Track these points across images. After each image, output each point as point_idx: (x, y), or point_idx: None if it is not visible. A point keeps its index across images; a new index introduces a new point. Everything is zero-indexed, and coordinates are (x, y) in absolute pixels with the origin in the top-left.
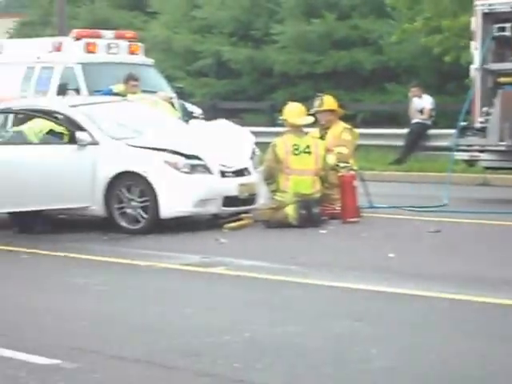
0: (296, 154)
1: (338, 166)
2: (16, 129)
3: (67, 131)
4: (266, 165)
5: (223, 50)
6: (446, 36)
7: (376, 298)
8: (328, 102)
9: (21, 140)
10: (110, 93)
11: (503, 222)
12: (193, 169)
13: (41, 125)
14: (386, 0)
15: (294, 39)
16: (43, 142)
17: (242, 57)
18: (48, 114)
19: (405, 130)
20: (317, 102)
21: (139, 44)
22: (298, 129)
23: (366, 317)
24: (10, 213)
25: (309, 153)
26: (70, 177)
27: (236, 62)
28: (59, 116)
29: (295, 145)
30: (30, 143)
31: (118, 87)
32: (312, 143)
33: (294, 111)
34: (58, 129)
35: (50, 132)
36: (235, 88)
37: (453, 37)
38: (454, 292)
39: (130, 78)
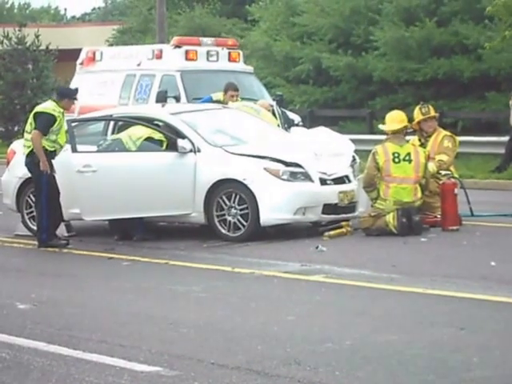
0: (396, 162)
1: (439, 173)
2: (114, 136)
3: (166, 138)
4: (367, 172)
5: (322, 57)
6: None
7: (478, 307)
8: (432, 109)
9: (119, 147)
10: (210, 101)
11: None
12: (293, 176)
13: (139, 132)
14: (487, 8)
15: (392, 46)
16: (144, 149)
17: (341, 64)
18: (148, 122)
19: (505, 138)
20: (423, 110)
21: (239, 51)
22: (398, 136)
23: (469, 325)
24: (110, 220)
25: (409, 161)
26: (171, 184)
27: (335, 69)
28: (160, 123)
29: (396, 153)
30: (128, 151)
31: (217, 95)
32: (413, 151)
33: (392, 118)
34: (157, 136)
35: (149, 139)
36: (334, 95)
37: None
38: None
39: (230, 88)
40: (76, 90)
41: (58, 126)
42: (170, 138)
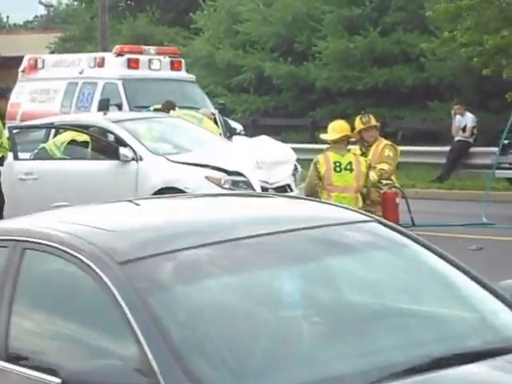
0: (338, 171)
1: (380, 182)
2: (41, 145)
3: (91, 140)
4: (308, 181)
5: (264, 66)
6: (487, 49)
7: None
8: (372, 118)
9: (44, 155)
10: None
11: None
12: (235, 185)
13: (63, 137)
14: (427, 13)
15: (335, 55)
16: (83, 156)
17: (282, 72)
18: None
19: (447, 148)
20: (364, 119)
21: (181, 60)
22: (339, 146)
23: None
24: None
25: (350, 170)
26: (113, 192)
27: (277, 77)
28: (102, 131)
29: (337, 162)
30: (52, 158)
31: (156, 108)
32: (354, 160)
33: (333, 127)
34: (81, 138)
35: (72, 142)
36: (275, 104)
37: (493, 50)
38: None
39: (167, 107)
40: (7, 88)
41: None
42: (109, 146)
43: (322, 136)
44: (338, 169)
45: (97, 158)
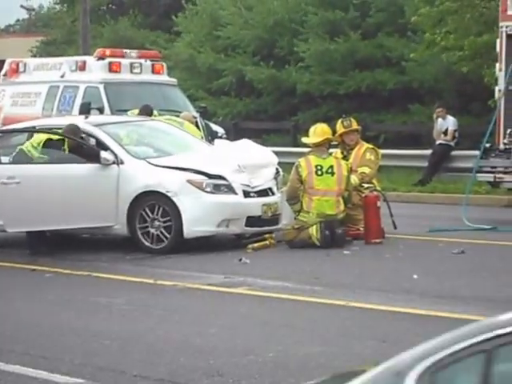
0: (319, 175)
1: (361, 186)
2: (18, 148)
3: (67, 138)
4: (290, 185)
5: (246, 69)
6: (468, 54)
7: (400, 319)
8: (354, 122)
9: (23, 158)
10: None
11: None
12: (216, 188)
13: (39, 137)
14: (411, 18)
15: (317, 58)
16: (65, 160)
17: (264, 76)
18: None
19: (428, 151)
20: (345, 123)
21: (163, 63)
22: (321, 149)
23: (390, 337)
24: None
25: (332, 173)
26: (94, 196)
27: (258, 81)
28: (83, 135)
29: (318, 165)
30: (31, 159)
31: (134, 113)
32: (335, 164)
33: (314, 131)
34: (55, 137)
35: (49, 141)
36: (257, 107)
37: (474, 54)
38: (479, 313)
39: (144, 112)
40: None
41: None
42: (90, 149)
43: (304, 139)
44: (319, 172)
45: (78, 161)
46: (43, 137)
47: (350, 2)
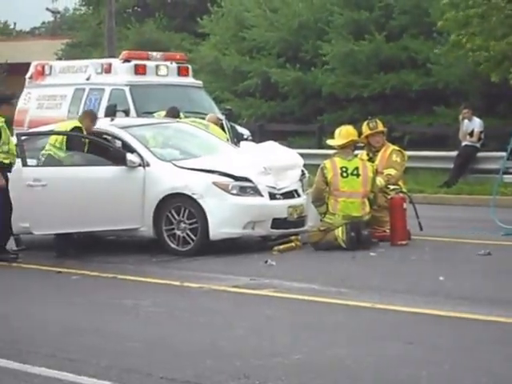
0: (344, 177)
1: (387, 188)
2: (44, 153)
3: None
4: (315, 187)
5: (271, 72)
6: (493, 55)
7: (426, 321)
8: (380, 123)
9: (53, 162)
10: None
11: None
12: (242, 190)
13: (53, 137)
14: (438, 23)
15: (341, 60)
16: (91, 162)
17: (289, 79)
18: (98, 136)
19: (454, 153)
20: (371, 124)
21: (188, 66)
22: (346, 151)
23: (416, 339)
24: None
25: (357, 175)
26: (120, 198)
27: (284, 83)
28: (109, 137)
29: (344, 167)
30: (60, 162)
31: (160, 115)
32: (360, 165)
33: (340, 133)
34: (70, 126)
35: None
36: (282, 110)
37: (500, 56)
38: (504, 315)
39: (171, 114)
40: (12, 94)
41: (5, 135)
42: (116, 152)
43: (329, 141)
44: (344, 174)
45: (104, 164)
46: (58, 137)
47: (375, 3)
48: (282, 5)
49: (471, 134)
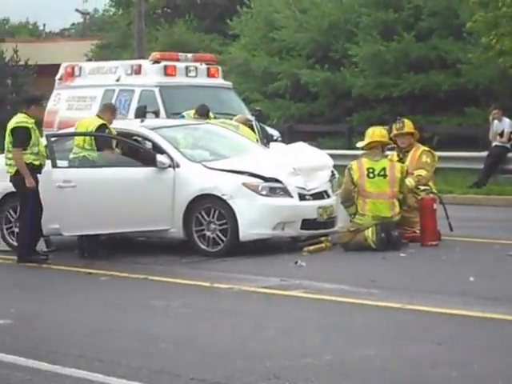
0: (371, 178)
1: (417, 188)
2: (79, 155)
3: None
4: (343, 187)
5: (301, 73)
6: None
7: (456, 322)
8: (408, 125)
9: (88, 163)
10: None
11: None
12: (272, 191)
13: (80, 138)
14: (467, 25)
15: (370, 61)
16: (121, 164)
17: (318, 79)
18: (127, 137)
19: (484, 153)
20: (398, 125)
21: (218, 67)
22: (374, 151)
23: (447, 340)
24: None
25: (384, 176)
26: (150, 199)
27: (313, 84)
28: (139, 138)
29: (370, 168)
30: (94, 162)
31: (189, 114)
32: (388, 166)
33: (368, 133)
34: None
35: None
36: (311, 110)
37: None
38: None
39: (201, 112)
40: (41, 95)
41: (35, 136)
42: (146, 153)
43: (358, 144)
44: (371, 175)
45: (134, 165)
46: (80, 138)
47: (404, 3)
48: (311, 5)
49: (501, 134)
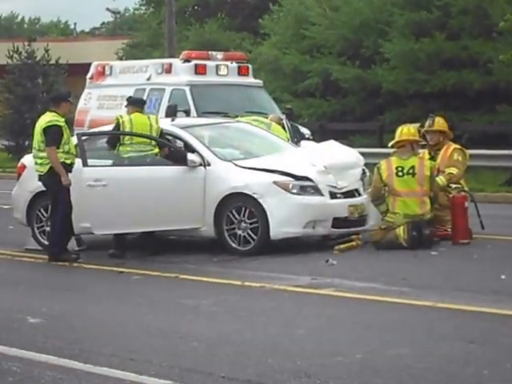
0: (400, 176)
1: (449, 187)
2: (125, 156)
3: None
4: (373, 185)
5: (332, 69)
6: None
7: (488, 320)
8: (439, 122)
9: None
10: None
11: None
12: (303, 190)
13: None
14: (499, 24)
15: (402, 56)
16: (152, 162)
17: (349, 76)
18: (159, 136)
19: None
20: (429, 122)
21: (248, 65)
22: (404, 150)
23: (479, 338)
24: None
25: (413, 174)
26: (181, 198)
27: (344, 81)
28: (170, 137)
29: (399, 167)
30: (128, 159)
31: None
32: (417, 164)
33: (398, 132)
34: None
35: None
36: (342, 108)
37: None
38: None
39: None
40: (68, 92)
41: (66, 135)
42: (177, 152)
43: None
44: (400, 174)
45: (165, 163)
46: (118, 139)
47: (433, 4)
48: (342, 3)
49: None
